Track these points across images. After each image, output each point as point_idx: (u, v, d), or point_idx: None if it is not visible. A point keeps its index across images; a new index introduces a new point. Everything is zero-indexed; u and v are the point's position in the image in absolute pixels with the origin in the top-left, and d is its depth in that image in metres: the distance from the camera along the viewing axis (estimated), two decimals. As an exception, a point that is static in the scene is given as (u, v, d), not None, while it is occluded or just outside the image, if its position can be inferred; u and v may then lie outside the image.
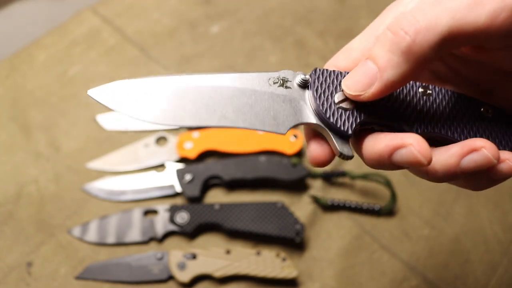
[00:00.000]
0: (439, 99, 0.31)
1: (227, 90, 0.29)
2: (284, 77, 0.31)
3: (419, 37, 0.25)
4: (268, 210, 0.66)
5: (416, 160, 0.26)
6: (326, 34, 0.89)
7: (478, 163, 0.27)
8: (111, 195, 0.69)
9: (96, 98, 0.28)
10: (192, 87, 0.29)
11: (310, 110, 0.30)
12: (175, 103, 0.29)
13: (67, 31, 0.87)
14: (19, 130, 0.75)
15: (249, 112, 0.29)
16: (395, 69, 0.26)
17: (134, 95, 0.28)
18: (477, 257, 0.66)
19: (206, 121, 0.28)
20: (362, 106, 0.30)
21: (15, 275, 0.62)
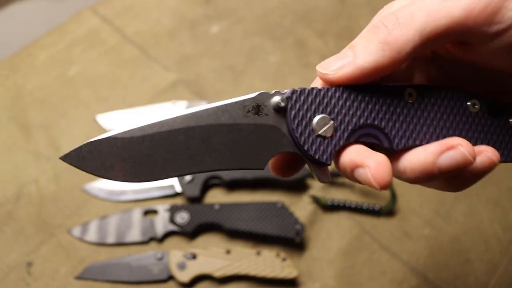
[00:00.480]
0: (424, 102, 0.30)
1: (200, 131, 0.28)
2: (259, 103, 0.29)
3: (395, 30, 0.27)
4: (268, 210, 0.66)
5: (370, 183, 0.26)
6: (326, 34, 0.89)
7: (454, 160, 0.27)
8: (111, 195, 0.69)
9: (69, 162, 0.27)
10: (163, 133, 0.27)
11: (287, 139, 0.29)
12: (150, 156, 0.27)
13: (67, 31, 0.87)
14: (19, 130, 0.75)
15: (225, 151, 0.28)
16: (369, 56, 0.27)
17: (102, 155, 0.27)
18: (477, 256, 0.66)
19: (184, 169, 0.27)
20: (341, 130, 0.29)
21: (15, 275, 0.62)
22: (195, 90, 0.81)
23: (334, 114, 0.29)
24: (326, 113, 0.29)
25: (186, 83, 0.82)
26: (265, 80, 0.83)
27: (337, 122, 0.29)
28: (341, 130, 0.29)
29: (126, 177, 0.27)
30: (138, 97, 0.79)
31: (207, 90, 0.81)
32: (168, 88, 0.81)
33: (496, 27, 0.26)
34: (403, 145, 0.29)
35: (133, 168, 0.27)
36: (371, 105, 0.29)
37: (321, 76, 0.29)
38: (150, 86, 0.81)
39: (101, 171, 0.27)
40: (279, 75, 0.84)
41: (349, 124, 0.29)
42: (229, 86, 0.82)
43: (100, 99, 0.79)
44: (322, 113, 0.29)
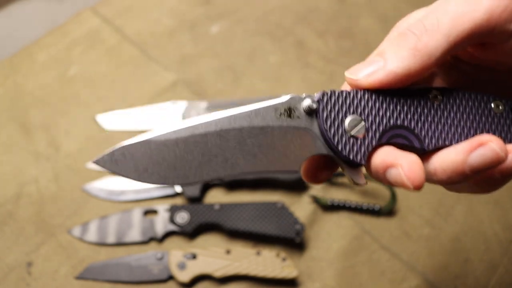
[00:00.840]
0: (450, 103, 0.31)
1: (233, 134, 0.28)
2: (291, 106, 0.29)
3: (424, 36, 0.27)
4: (268, 210, 0.66)
5: (402, 182, 0.26)
6: (326, 34, 0.89)
7: (485, 157, 0.26)
8: (111, 195, 0.69)
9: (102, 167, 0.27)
10: (197, 136, 0.27)
11: (320, 140, 0.29)
12: (184, 159, 0.27)
13: (67, 31, 0.87)
14: (19, 130, 0.75)
15: (259, 153, 0.28)
16: (400, 62, 0.28)
17: (136, 159, 0.27)
18: (477, 256, 0.66)
19: (218, 172, 0.27)
20: (373, 130, 0.29)
21: (15, 275, 0.62)
22: (195, 90, 0.81)
23: (364, 115, 0.29)
24: (357, 114, 0.29)
25: (186, 83, 0.82)
26: (265, 80, 0.83)
27: (368, 123, 0.29)
28: (372, 131, 0.29)
29: (159, 180, 0.27)
30: (138, 97, 0.79)
31: (207, 90, 0.81)
32: (168, 88, 0.81)
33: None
34: (434, 145, 0.30)
35: (167, 171, 0.27)
36: (399, 106, 0.30)
37: (351, 82, 0.30)
38: (150, 86, 0.81)
39: (135, 175, 0.27)
40: (279, 75, 0.84)
41: (380, 125, 0.29)
42: (229, 86, 0.82)
43: (100, 99, 0.79)
44: (353, 114, 0.29)
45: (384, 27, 0.90)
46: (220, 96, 0.80)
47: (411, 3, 0.94)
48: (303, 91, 0.81)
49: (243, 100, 0.78)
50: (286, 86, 0.82)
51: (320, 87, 0.83)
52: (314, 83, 0.82)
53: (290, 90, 0.81)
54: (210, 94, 0.81)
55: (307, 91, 0.81)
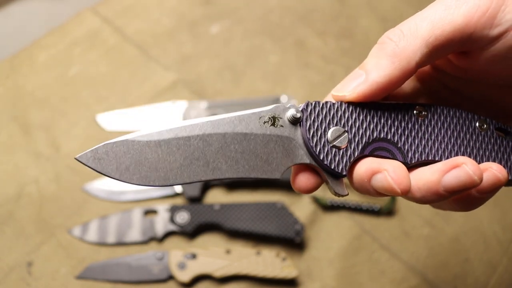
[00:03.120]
0: (434, 119, 0.31)
1: (217, 138, 0.28)
2: (275, 115, 0.29)
3: (402, 41, 0.28)
4: (268, 210, 0.66)
5: (390, 187, 0.26)
6: (326, 34, 0.89)
7: (459, 180, 0.26)
8: (111, 195, 0.69)
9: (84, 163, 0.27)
10: (180, 139, 0.28)
11: (303, 150, 0.29)
12: (166, 161, 0.27)
13: (67, 31, 0.87)
14: (19, 130, 0.75)
15: (241, 159, 0.28)
16: (381, 70, 0.28)
17: (121, 158, 0.27)
18: (477, 256, 0.66)
19: (199, 175, 0.28)
20: (356, 142, 0.29)
21: (16, 275, 0.62)
22: (195, 90, 0.81)
23: (348, 126, 0.30)
24: (340, 125, 0.29)
25: (186, 83, 0.82)
26: (265, 80, 0.83)
27: (351, 134, 0.29)
28: (355, 142, 0.29)
29: (140, 181, 0.27)
30: (138, 97, 0.79)
31: (207, 90, 0.81)
32: (168, 88, 0.81)
33: (496, 30, 0.27)
34: (417, 160, 0.30)
35: (148, 172, 0.27)
36: (383, 119, 0.30)
37: (338, 99, 0.30)
38: (150, 86, 0.81)
39: (116, 174, 0.27)
40: (279, 75, 0.84)
41: (363, 137, 0.30)
42: (229, 86, 0.82)
43: (100, 99, 0.79)
44: (336, 125, 0.29)
45: (384, 27, 0.90)
46: (220, 96, 0.80)
47: (411, 3, 0.94)
48: (303, 91, 0.82)
49: (243, 100, 0.78)
50: (286, 86, 0.82)
51: (320, 87, 0.83)
52: (314, 83, 0.82)
53: (290, 90, 0.81)
54: (210, 94, 0.81)
55: (307, 91, 0.81)
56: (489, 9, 0.27)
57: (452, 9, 0.27)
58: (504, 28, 0.27)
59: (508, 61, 0.28)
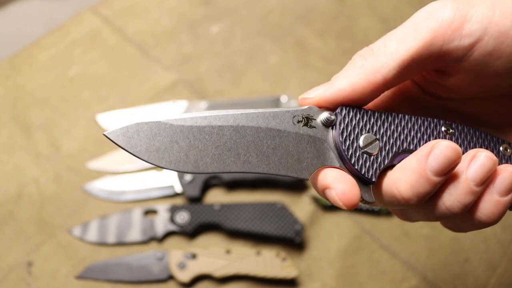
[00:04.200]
0: (461, 137, 0.31)
1: (250, 132, 0.28)
2: (309, 115, 0.30)
3: (371, 57, 0.29)
4: (268, 210, 0.66)
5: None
6: (326, 34, 0.89)
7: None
8: (111, 195, 0.69)
9: (113, 140, 0.26)
10: (214, 127, 0.28)
11: (334, 153, 0.29)
12: (197, 148, 0.27)
13: (67, 31, 0.87)
14: (19, 130, 0.75)
15: (273, 155, 0.28)
16: (346, 79, 0.29)
17: (152, 139, 0.27)
18: (477, 256, 0.66)
19: (229, 166, 0.27)
20: (386, 151, 0.30)
21: (16, 275, 0.62)
22: (195, 90, 0.81)
23: (379, 134, 0.30)
24: (372, 133, 0.30)
25: (186, 83, 0.82)
26: (265, 80, 0.83)
27: (382, 142, 0.30)
28: (385, 151, 0.30)
29: (169, 164, 0.27)
30: (138, 97, 0.79)
31: (207, 90, 0.81)
32: (168, 88, 0.81)
33: (467, 40, 0.28)
34: None
35: (178, 157, 0.27)
36: (413, 132, 0.30)
37: (302, 102, 0.31)
38: (150, 86, 0.81)
39: (145, 154, 0.26)
40: (279, 75, 0.84)
41: (393, 147, 0.30)
42: (229, 86, 0.82)
43: (100, 99, 0.79)
44: (369, 132, 0.30)
45: (384, 27, 0.90)
46: (220, 96, 0.80)
47: (410, 3, 0.94)
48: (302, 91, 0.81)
49: (243, 100, 0.78)
50: (285, 86, 0.82)
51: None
52: (314, 83, 0.82)
53: (290, 90, 0.81)
54: (210, 94, 0.81)
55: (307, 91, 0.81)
56: (453, 21, 0.28)
57: (419, 26, 0.28)
58: (475, 37, 0.28)
59: (489, 70, 0.29)
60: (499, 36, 0.27)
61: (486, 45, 0.28)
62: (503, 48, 0.28)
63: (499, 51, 0.28)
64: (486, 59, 0.28)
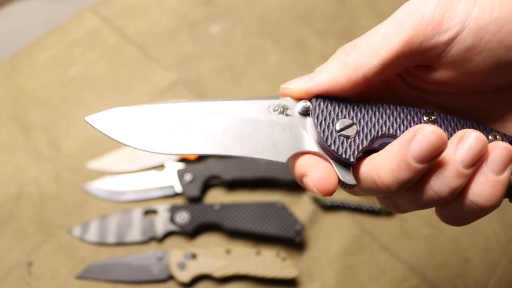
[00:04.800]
0: (445, 125, 0.31)
1: (225, 118, 0.29)
2: (285, 105, 0.31)
3: (353, 53, 0.30)
4: (268, 210, 0.66)
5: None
6: (326, 34, 0.89)
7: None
8: (111, 195, 0.69)
9: (93, 125, 0.29)
10: (191, 115, 0.29)
11: (311, 138, 0.30)
12: (175, 133, 0.29)
13: (67, 31, 0.87)
14: (19, 130, 0.75)
15: (248, 140, 0.29)
16: (328, 72, 0.30)
17: (131, 124, 0.29)
18: (477, 256, 0.66)
19: (203, 149, 0.29)
20: (364, 134, 0.30)
21: (16, 275, 0.62)
22: (195, 90, 0.81)
23: (357, 120, 0.30)
24: (349, 118, 0.30)
25: (186, 83, 0.82)
26: (265, 80, 0.83)
27: (359, 127, 0.30)
28: (363, 134, 0.30)
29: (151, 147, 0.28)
30: (138, 97, 0.79)
31: (207, 90, 0.81)
32: (168, 88, 0.81)
33: (446, 35, 0.28)
34: None
35: (153, 139, 0.28)
36: (392, 118, 0.30)
37: (282, 91, 0.32)
38: (150, 86, 0.81)
39: (125, 138, 0.28)
40: (279, 75, 0.84)
41: (372, 130, 0.30)
42: (229, 86, 0.82)
43: (100, 99, 0.79)
44: (345, 118, 0.30)
45: (384, 27, 0.90)
46: (220, 96, 0.80)
47: (411, 3, 0.94)
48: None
49: (243, 100, 0.78)
50: (286, 86, 0.82)
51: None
52: (314, 83, 0.82)
53: (290, 90, 0.81)
54: (210, 94, 0.81)
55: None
56: (433, 17, 0.28)
57: (401, 22, 0.29)
58: (454, 33, 0.28)
59: (469, 65, 0.29)
60: (479, 32, 0.27)
61: (464, 40, 0.28)
62: (482, 44, 0.28)
63: (479, 47, 0.28)
64: (466, 54, 0.28)
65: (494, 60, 0.28)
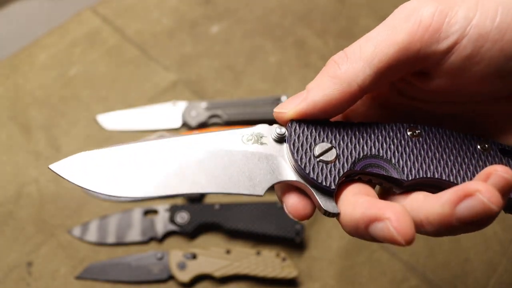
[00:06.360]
0: (430, 139, 0.29)
1: (197, 154, 0.28)
2: (259, 133, 0.29)
3: (345, 64, 0.28)
4: (268, 210, 0.66)
5: (392, 238, 0.23)
6: (326, 34, 0.89)
7: (473, 210, 0.23)
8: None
9: (59, 173, 0.28)
10: (162, 153, 0.28)
11: (289, 166, 0.28)
12: (141, 175, 0.27)
13: (67, 31, 0.87)
14: (19, 130, 0.75)
15: (222, 175, 0.27)
16: (321, 90, 0.28)
17: (96, 169, 0.27)
18: (477, 256, 0.66)
19: (175, 189, 0.27)
20: (345, 157, 0.28)
21: (15, 275, 0.62)
22: (195, 90, 0.81)
23: (336, 142, 0.29)
24: (327, 141, 0.29)
25: (186, 83, 0.82)
26: (265, 80, 0.83)
27: (339, 150, 0.28)
28: (344, 158, 0.28)
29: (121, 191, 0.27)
30: (138, 97, 0.79)
31: (207, 90, 0.81)
32: (168, 88, 0.81)
33: (445, 43, 0.26)
34: (414, 177, 0.28)
35: (124, 183, 0.27)
36: (374, 137, 0.29)
37: (277, 116, 0.30)
38: (150, 86, 0.81)
39: (89, 184, 0.27)
40: (279, 75, 0.84)
41: (353, 153, 0.28)
42: (229, 86, 0.82)
43: (100, 99, 0.79)
44: (323, 142, 0.28)
45: (384, 27, 0.90)
46: (220, 96, 0.80)
47: (411, 3, 0.94)
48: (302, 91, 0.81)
49: (243, 100, 0.78)
50: (286, 86, 0.82)
51: (320, 87, 0.83)
52: (314, 83, 0.82)
53: (290, 90, 0.81)
54: (210, 94, 0.81)
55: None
56: (431, 23, 0.26)
57: (396, 28, 0.27)
58: (453, 40, 0.26)
59: (468, 74, 0.27)
60: (479, 39, 0.26)
61: (464, 48, 0.26)
62: (482, 52, 0.26)
63: (479, 55, 0.26)
64: (465, 63, 0.26)
65: (494, 70, 0.26)
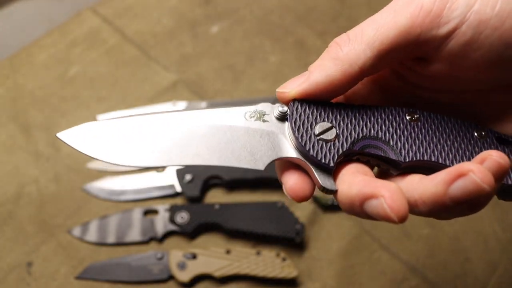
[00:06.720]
0: (428, 124, 0.30)
1: (200, 128, 0.29)
2: (261, 111, 0.30)
3: (347, 46, 0.28)
4: (268, 210, 0.66)
5: (386, 215, 0.24)
6: (326, 34, 0.89)
7: (466, 189, 0.23)
8: (111, 195, 0.69)
9: (66, 142, 0.28)
10: (167, 126, 0.29)
11: (289, 144, 0.29)
12: (150, 145, 0.28)
13: (67, 31, 0.87)
14: (19, 130, 0.75)
15: (225, 149, 0.28)
16: (323, 71, 0.28)
17: (105, 139, 0.28)
18: (477, 256, 0.66)
19: (178, 160, 0.28)
20: (344, 137, 0.29)
21: (15, 275, 0.62)
22: (195, 90, 0.81)
23: (336, 122, 0.29)
24: (328, 121, 0.29)
25: (186, 83, 0.82)
26: (265, 80, 0.83)
27: (339, 130, 0.29)
28: (343, 137, 0.29)
29: (126, 161, 0.28)
30: (138, 97, 0.79)
31: (207, 90, 0.81)
32: (168, 88, 0.81)
33: (445, 28, 0.27)
34: (411, 159, 0.29)
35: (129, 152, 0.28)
36: (373, 119, 0.30)
37: (279, 95, 0.30)
38: (150, 86, 0.81)
39: (96, 153, 0.28)
40: (279, 75, 0.84)
41: (352, 133, 0.29)
42: (229, 86, 0.82)
43: (100, 99, 0.79)
44: (324, 121, 0.29)
45: (384, 27, 0.90)
46: (220, 96, 0.80)
47: (411, 3, 0.94)
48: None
49: (243, 100, 0.78)
50: (286, 86, 0.82)
51: (320, 87, 0.83)
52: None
53: (290, 90, 0.81)
54: (210, 94, 0.81)
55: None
56: (433, 8, 0.27)
57: (398, 12, 0.27)
58: (453, 26, 0.26)
59: (467, 60, 0.27)
60: (479, 25, 0.26)
61: (463, 34, 0.26)
62: (481, 39, 0.26)
63: (478, 41, 0.26)
64: (464, 49, 0.27)
65: (492, 57, 0.27)
